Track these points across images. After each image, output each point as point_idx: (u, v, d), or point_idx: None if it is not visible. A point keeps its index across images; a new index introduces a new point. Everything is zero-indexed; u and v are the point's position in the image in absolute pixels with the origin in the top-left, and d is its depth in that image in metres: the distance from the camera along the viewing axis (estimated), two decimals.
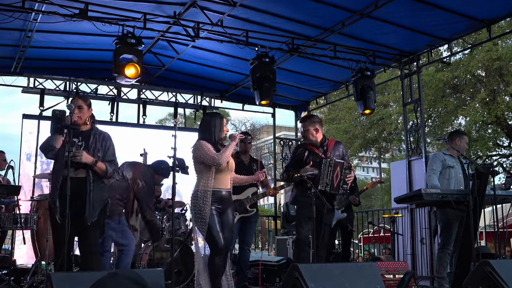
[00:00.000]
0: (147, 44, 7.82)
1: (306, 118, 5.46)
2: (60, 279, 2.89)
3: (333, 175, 5.09)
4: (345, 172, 5.15)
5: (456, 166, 5.63)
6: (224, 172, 4.46)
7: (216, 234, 4.32)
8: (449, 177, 5.55)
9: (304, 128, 5.33)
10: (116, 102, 9.60)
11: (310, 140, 5.29)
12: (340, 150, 5.37)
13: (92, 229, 4.14)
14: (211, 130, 4.51)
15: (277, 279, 6.85)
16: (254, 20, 7.35)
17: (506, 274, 3.80)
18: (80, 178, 4.11)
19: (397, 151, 22.68)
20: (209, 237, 4.32)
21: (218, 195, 4.42)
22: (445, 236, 5.47)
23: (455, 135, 5.82)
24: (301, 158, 5.25)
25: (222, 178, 4.46)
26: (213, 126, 4.52)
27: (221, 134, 4.53)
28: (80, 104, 4.26)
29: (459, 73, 15.33)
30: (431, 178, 5.52)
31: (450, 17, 6.99)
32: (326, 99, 10.79)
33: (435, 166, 5.56)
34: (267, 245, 13.66)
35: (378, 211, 13.13)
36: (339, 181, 5.13)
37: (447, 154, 5.67)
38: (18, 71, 8.83)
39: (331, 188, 5.09)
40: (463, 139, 5.73)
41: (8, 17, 6.20)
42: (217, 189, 4.42)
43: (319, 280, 3.40)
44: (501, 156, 17.75)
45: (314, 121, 5.31)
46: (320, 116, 8.17)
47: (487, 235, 11.97)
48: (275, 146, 12.42)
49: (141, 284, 2.09)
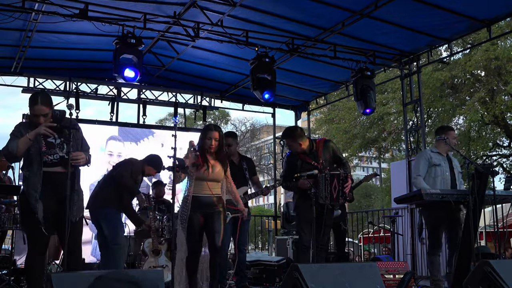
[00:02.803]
0: (147, 44, 7.82)
1: (286, 136, 5.37)
2: (60, 279, 2.89)
3: (331, 188, 5.08)
4: (341, 182, 5.12)
5: (443, 164, 5.50)
6: (209, 180, 4.64)
7: (193, 237, 4.56)
8: (435, 175, 5.45)
9: (288, 146, 5.35)
10: (116, 102, 9.59)
11: (298, 152, 5.28)
12: (329, 150, 5.31)
13: (77, 226, 4.09)
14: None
15: (277, 279, 6.85)
16: (254, 20, 7.35)
17: (506, 274, 3.80)
18: (62, 173, 3.93)
19: (397, 151, 22.67)
20: (187, 238, 4.59)
21: (202, 201, 4.62)
22: (432, 239, 5.40)
23: (440, 131, 5.72)
24: (294, 166, 5.25)
25: (206, 185, 4.62)
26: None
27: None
28: (46, 112, 3.96)
29: (456, 72, 15.35)
30: (417, 181, 5.42)
31: (450, 17, 6.99)
32: (326, 99, 10.79)
33: (421, 167, 5.45)
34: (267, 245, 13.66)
35: (378, 211, 13.13)
36: (338, 192, 5.12)
37: (434, 151, 5.56)
38: (18, 71, 8.83)
39: (331, 200, 5.08)
40: (450, 134, 5.59)
41: (8, 17, 6.20)
42: (201, 195, 4.63)
43: (319, 280, 3.40)
44: (501, 156, 17.76)
45: (295, 136, 5.25)
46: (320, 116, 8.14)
47: (487, 235, 11.98)
48: (275, 146, 12.42)
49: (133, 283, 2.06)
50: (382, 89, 16.77)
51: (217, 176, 4.71)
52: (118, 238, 5.07)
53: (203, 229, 4.64)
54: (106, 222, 5.11)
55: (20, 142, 3.82)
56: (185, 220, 4.54)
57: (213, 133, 4.72)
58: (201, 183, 4.63)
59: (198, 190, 4.63)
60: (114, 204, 5.18)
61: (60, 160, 3.97)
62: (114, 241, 5.04)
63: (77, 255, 4.06)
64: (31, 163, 3.91)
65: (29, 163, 3.93)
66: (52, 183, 3.92)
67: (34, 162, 3.90)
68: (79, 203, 4.14)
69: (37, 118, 3.96)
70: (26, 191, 3.92)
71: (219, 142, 4.74)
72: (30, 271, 4.00)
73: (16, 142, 3.82)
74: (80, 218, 4.14)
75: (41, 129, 3.82)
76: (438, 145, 5.62)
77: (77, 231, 4.07)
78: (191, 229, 4.57)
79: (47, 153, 3.95)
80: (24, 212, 3.98)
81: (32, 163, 3.91)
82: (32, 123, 4.02)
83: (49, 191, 3.91)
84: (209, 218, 4.64)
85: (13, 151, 3.82)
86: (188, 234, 4.57)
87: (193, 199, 4.58)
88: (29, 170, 3.92)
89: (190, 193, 4.60)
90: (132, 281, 1.95)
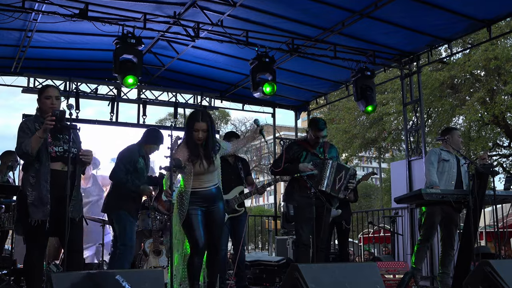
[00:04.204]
0: (147, 44, 7.82)
1: (315, 126, 5.35)
2: (60, 279, 2.89)
3: (335, 177, 5.10)
4: (349, 177, 5.15)
5: (452, 161, 5.67)
6: (206, 173, 4.36)
7: (195, 234, 4.28)
8: (442, 170, 5.61)
9: (313, 134, 5.30)
10: (116, 102, 9.58)
11: (314, 141, 5.28)
12: (334, 151, 5.46)
13: (78, 226, 4.08)
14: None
15: (277, 279, 6.85)
16: (254, 20, 7.35)
17: (506, 274, 3.80)
18: (62, 171, 3.93)
19: (397, 151, 22.67)
20: (189, 237, 4.33)
21: (202, 194, 4.37)
22: (426, 231, 5.54)
23: (445, 132, 5.91)
24: (298, 156, 5.24)
25: (204, 177, 4.38)
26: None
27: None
28: (57, 95, 4.10)
29: (455, 72, 15.36)
30: (430, 173, 5.57)
31: (450, 17, 6.99)
32: (326, 99, 10.79)
33: (432, 158, 5.63)
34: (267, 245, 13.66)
35: (378, 211, 13.13)
36: (341, 185, 5.13)
37: (444, 150, 5.73)
38: (18, 71, 8.82)
39: (332, 190, 5.09)
40: (454, 134, 5.78)
41: (8, 17, 6.20)
42: (201, 189, 4.36)
43: (319, 280, 3.40)
44: (501, 156, 17.76)
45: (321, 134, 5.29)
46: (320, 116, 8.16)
47: (487, 235, 11.98)
48: (275, 146, 12.42)
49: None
50: (382, 89, 16.77)
51: (214, 166, 4.41)
52: (125, 239, 5.08)
53: (203, 225, 4.37)
54: (117, 223, 5.16)
55: (33, 142, 3.81)
56: (183, 217, 4.29)
57: (200, 124, 4.26)
58: (199, 177, 4.36)
59: (196, 184, 4.34)
60: (125, 204, 5.16)
61: (63, 153, 3.96)
62: (121, 241, 5.09)
63: (78, 255, 4.06)
64: (39, 154, 3.91)
65: (38, 155, 3.92)
66: (53, 181, 3.90)
67: (42, 153, 3.91)
68: (79, 202, 4.14)
69: (49, 100, 4.03)
70: (36, 182, 3.87)
71: (208, 133, 4.29)
72: (29, 271, 3.98)
73: (29, 141, 3.82)
74: (80, 218, 4.13)
75: (46, 124, 3.81)
76: (444, 145, 5.77)
77: (77, 231, 4.06)
78: (192, 229, 4.30)
79: (52, 144, 3.95)
80: (23, 212, 3.94)
81: (41, 154, 3.91)
82: (38, 117, 4.03)
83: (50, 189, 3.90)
84: (209, 214, 4.40)
85: (27, 151, 3.81)
86: (189, 234, 4.32)
87: (192, 194, 4.32)
88: (39, 161, 3.91)
89: (188, 188, 4.31)
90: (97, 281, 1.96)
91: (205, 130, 4.28)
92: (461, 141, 5.83)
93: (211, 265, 4.48)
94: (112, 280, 3.00)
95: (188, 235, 4.34)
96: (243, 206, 5.92)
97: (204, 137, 4.29)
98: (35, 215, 3.84)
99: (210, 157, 4.34)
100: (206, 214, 4.40)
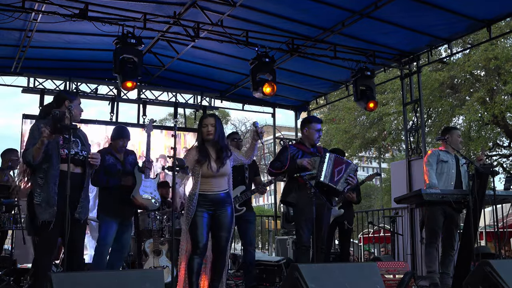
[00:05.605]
0: (147, 44, 7.82)
1: (310, 121, 5.40)
2: (60, 279, 2.89)
3: (333, 169, 5.07)
4: (349, 171, 5.13)
5: (450, 162, 5.65)
6: (215, 176, 4.41)
7: (197, 234, 4.31)
8: (441, 171, 5.60)
9: (309, 130, 5.31)
10: (116, 102, 9.59)
11: (311, 141, 5.29)
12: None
13: (82, 227, 4.13)
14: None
15: (277, 279, 6.84)
16: (254, 20, 7.35)
17: (506, 274, 3.80)
18: (78, 174, 4.06)
19: (397, 151, 22.67)
20: (191, 236, 4.37)
21: (210, 198, 4.41)
22: (430, 231, 5.52)
23: (444, 131, 5.89)
24: (294, 156, 5.25)
25: (213, 181, 4.42)
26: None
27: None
28: (80, 102, 4.26)
29: (455, 72, 15.36)
30: (429, 174, 5.55)
31: (450, 17, 6.99)
32: (326, 99, 10.79)
33: (431, 160, 5.61)
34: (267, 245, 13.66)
35: (378, 211, 13.12)
36: (341, 177, 5.12)
37: (443, 150, 5.72)
38: (18, 71, 8.83)
39: (331, 181, 5.06)
40: (454, 133, 5.75)
41: (8, 17, 6.20)
42: (209, 192, 4.41)
43: (319, 280, 3.40)
44: (501, 156, 17.76)
45: (316, 126, 5.32)
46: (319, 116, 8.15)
47: (487, 235, 11.97)
48: (275, 146, 12.42)
49: None
50: (382, 89, 16.76)
51: (224, 171, 4.45)
52: (99, 238, 5.18)
53: (209, 229, 4.40)
54: (100, 224, 5.26)
55: (34, 152, 3.88)
56: (190, 219, 4.33)
57: (208, 119, 4.47)
58: (208, 180, 4.40)
59: (204, 187, 4.39)
60: (102, 206, 5.22)
61: (74, 155, 4.02)
62: (100, 239, 5.17)
63: (78, 256, 4.08)
64: (50, 157, 3.96)
65: (48, 157, 3.96)
66: (62, 182, 3.91)
67: (53, 155, 3.96)
68: (87, 204, 4.17)
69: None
70: (45, 184, 3.92)
71: (216, 128, 4.43)
72: (38, 272, 4.00)
73: (31, 151, 3.90)
74: (85, 220, 4.17)
75: (42, 135, 3.85)
76: (443, 145, 5.75)
77: (80, 232, 4.11)
78: (195, 229, 4.33)
79: (63, 147, 3.99)
80: (31, 212, 3.99)
81: (51, 157, 3.96)
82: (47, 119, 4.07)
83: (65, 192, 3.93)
84: (216, 218, 4.41)
85: (29, 160, 3.91)
86: (191, 234, 4.34)
87: (200, 197, 4.36)
88: (48, 162, 3.95)
89: (196, 191, 4.36)
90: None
91: (213, 124, 4.43)
92: (460, 141, 5.80)
93: (215, 268, 4.46)
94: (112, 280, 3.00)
95: (191, 234, 4.38)
96: (246, 205, 5.89)
97: (213, 132, 4.42)
98: (42, 216, 3.88)
99: (221, 157, 4.42)
100: (213, 217, 4.42)
